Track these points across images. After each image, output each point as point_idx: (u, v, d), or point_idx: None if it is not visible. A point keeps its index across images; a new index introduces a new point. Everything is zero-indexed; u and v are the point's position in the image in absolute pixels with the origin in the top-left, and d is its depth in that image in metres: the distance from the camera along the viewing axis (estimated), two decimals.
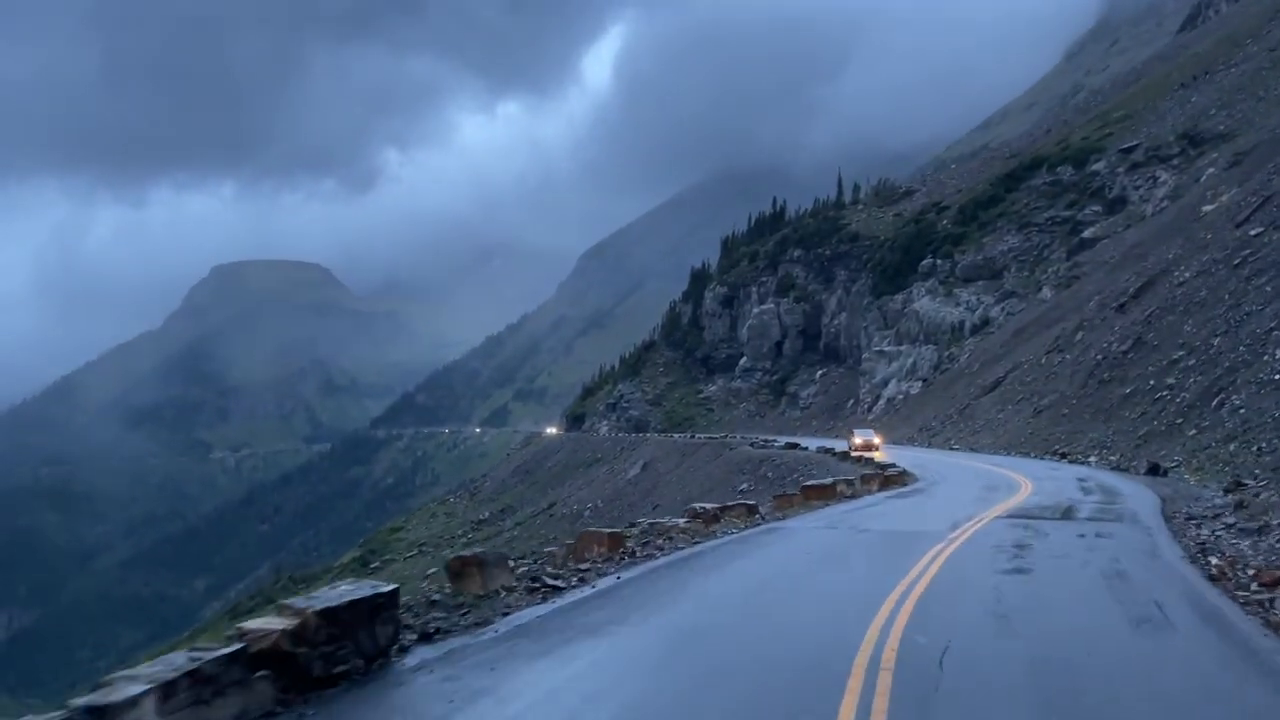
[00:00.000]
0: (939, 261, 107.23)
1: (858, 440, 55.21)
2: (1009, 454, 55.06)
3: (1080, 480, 34.31)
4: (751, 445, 73.11)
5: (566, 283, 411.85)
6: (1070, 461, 46.88)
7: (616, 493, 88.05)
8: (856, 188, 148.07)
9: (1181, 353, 48.30)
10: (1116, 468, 41.60)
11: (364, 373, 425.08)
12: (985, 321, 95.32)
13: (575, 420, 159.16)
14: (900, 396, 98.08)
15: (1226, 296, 49.04)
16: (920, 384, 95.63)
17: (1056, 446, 51.93)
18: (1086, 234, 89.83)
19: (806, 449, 61.26)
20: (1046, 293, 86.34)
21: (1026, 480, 34.18)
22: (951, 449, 62.44)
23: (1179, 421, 42.78)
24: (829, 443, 62.82)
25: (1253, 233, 52.73)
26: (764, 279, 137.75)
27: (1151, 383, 48.77)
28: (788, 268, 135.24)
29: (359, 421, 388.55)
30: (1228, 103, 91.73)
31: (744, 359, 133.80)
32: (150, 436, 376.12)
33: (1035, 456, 51.96)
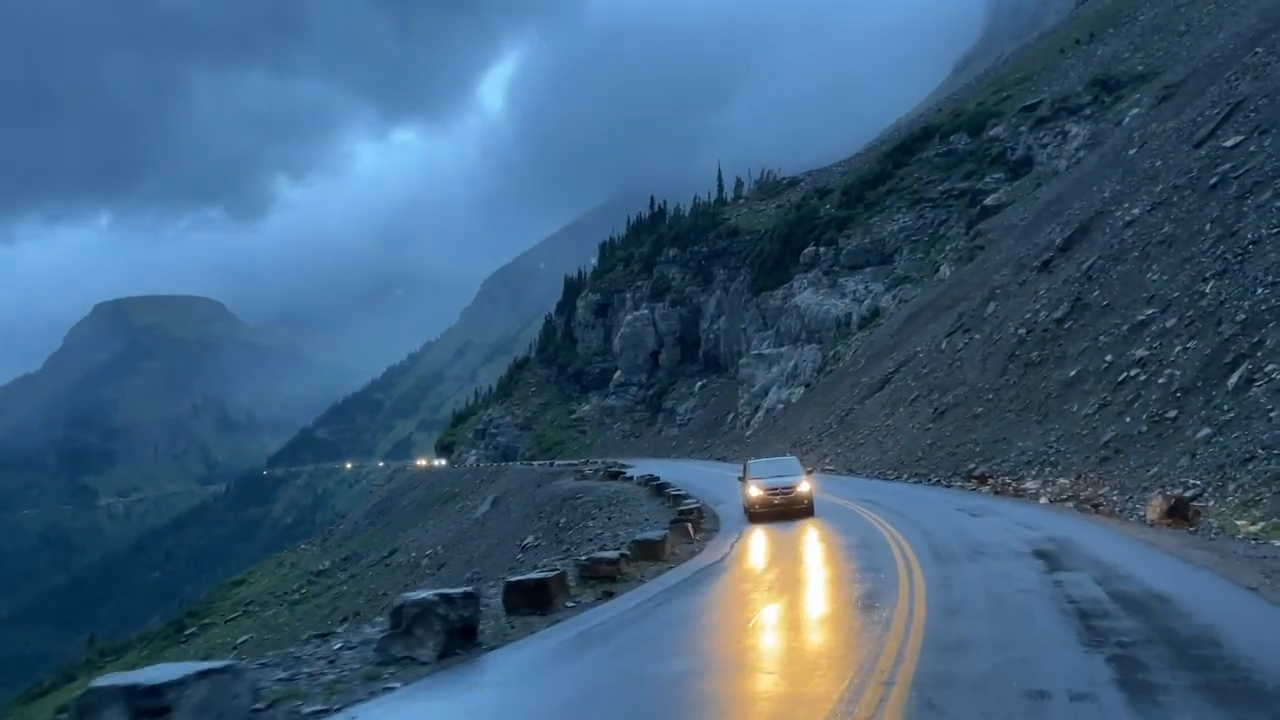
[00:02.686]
0: (822, 249, 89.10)
1: (756, 492, 26.14)
2: (899, 476, 36.41)
3: (1041, 554, 15.08)
4: (576, 476, 53.85)
5: (470, 308, 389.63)
6: (995, 492, 27.91)
7: (461, 535, 69.51)
8: (739, 183, 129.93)
9: (1152, 310, 29.71)
10: (1086, 503, 22.60)
11: (261, 408, 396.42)
12: (875, 313, 77.20)
13: (445, 449, 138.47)
14: (780, 406, 79.39)
15: (1208, 227, 30.71)
16: (803, 390, 77.10)
17: (971, 464, 32.98)
18: (989, 201, 72.27)
19: (631, 478, 43.14)
20: (945, 271, 68.46)
21: (912, 556, 15.04)
22: (824, 469, 43.56)
23: (1171, 415, 24.00)
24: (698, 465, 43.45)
25: (1228, 144, 34.75)
26: (639, 283, 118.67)
27: (1109, 359, 30.07)
28: (663, 269, 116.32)
29: (258, 459, 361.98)
30: (1143, 45, 75.46)
31: (618, 373, 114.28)
32: (31, 484, 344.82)
33: (938, 481, 33.18)
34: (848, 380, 62.57)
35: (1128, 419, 25.80)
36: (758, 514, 25.46)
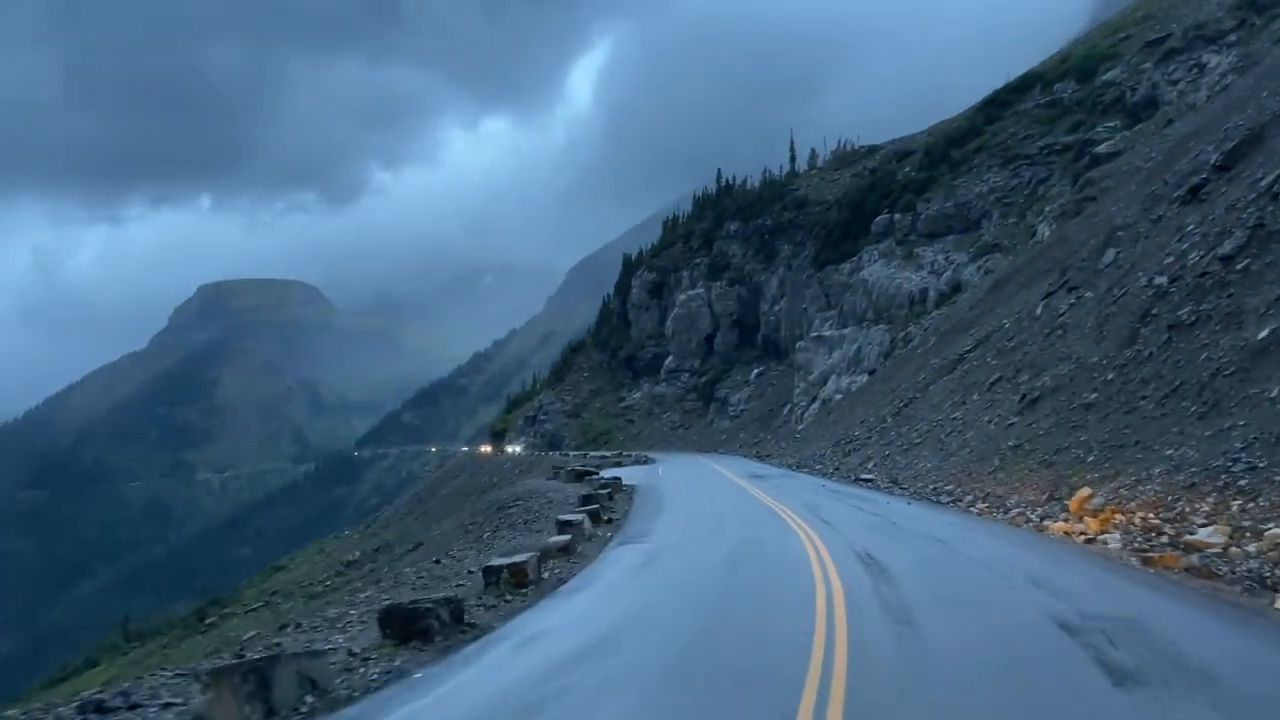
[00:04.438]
0: (897, 216, 74.22)
1: None
2: (957, 499, 22.44)
3: None
4: (549, 476, 41.06)
5: (554, 297, 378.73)
6: (1137, 552, 13.58)
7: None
8: (813, 154, 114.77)
9: None
10: None
11: (352, 391, 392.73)
12: (955, 287, 62.22)
13: (497, 436, 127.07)
14: (838, 396, 65.09)
15: None
16: (865, 377, 62.67)
17: (1078, 482, 18.84)
18: (1102, 148, 56.56)
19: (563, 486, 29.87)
20: (1044, 231, 53.19)
21: None
22: (860, 479, 29.76)
23: None
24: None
25: None
26: (697, 260, 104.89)
27: None
28: (724, 245, 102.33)
29: (346, 440, 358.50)
30: None
31: (669, 358, 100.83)
32: (135, 458, 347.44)
33: (1022, 512, 19.08)
34: (913, 364, 48.05)
35: None
36: None
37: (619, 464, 56.93)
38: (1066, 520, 16.13)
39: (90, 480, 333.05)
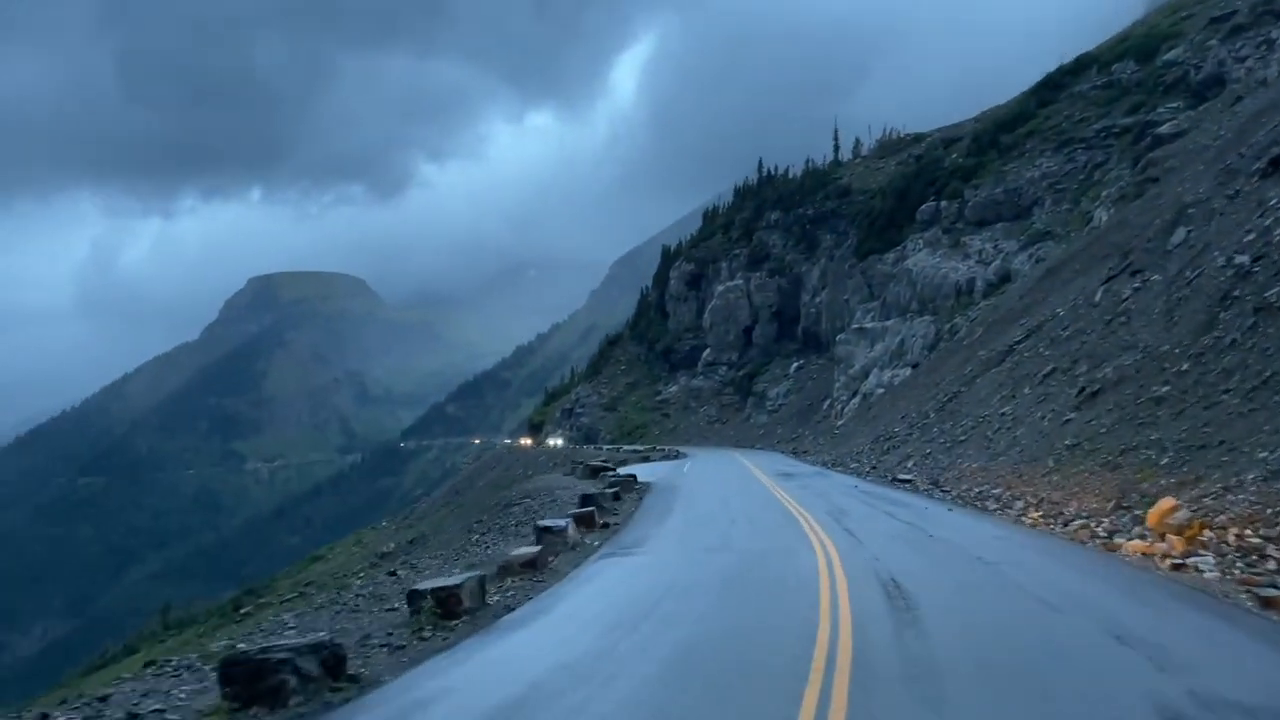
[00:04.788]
0: (943, 204, 70.67)
1: None
2: (1004, 507, 19.42)
3: None
4: (566, 471, 38.59)
5: (597, 291, 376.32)
6: (1253, 595, 10.44)
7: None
8: (857, 143, 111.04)
9: None
10: None
11: (398, 383, 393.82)
12: (1004, 277, 58.64)
13: (534, 428, 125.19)
14: (880, 391, 61.84)
15: None
16: (909, 371, 59.37)
17: (1150, 487, 15.81)
18: (1164, 129, 52.71)
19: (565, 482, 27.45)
20: (1101, 216, 49.60)
21: None
22: (897, 479, 26.82)
23: None
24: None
25: None
26: (737, 251, 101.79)
27: None
28: (764, 235, 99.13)
29: (392, 432, 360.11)
30: None
31: (707, 351, 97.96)
32: (186, 447, 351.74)
33: (1086, 523, 15.96)
34: (959, 356, 44.82)
35: None
36: None
37: (647, 459, 54.33)
38: (1145, 538, 13.16)
39: (143, 468, 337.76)
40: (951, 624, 8.47)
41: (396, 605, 11.47)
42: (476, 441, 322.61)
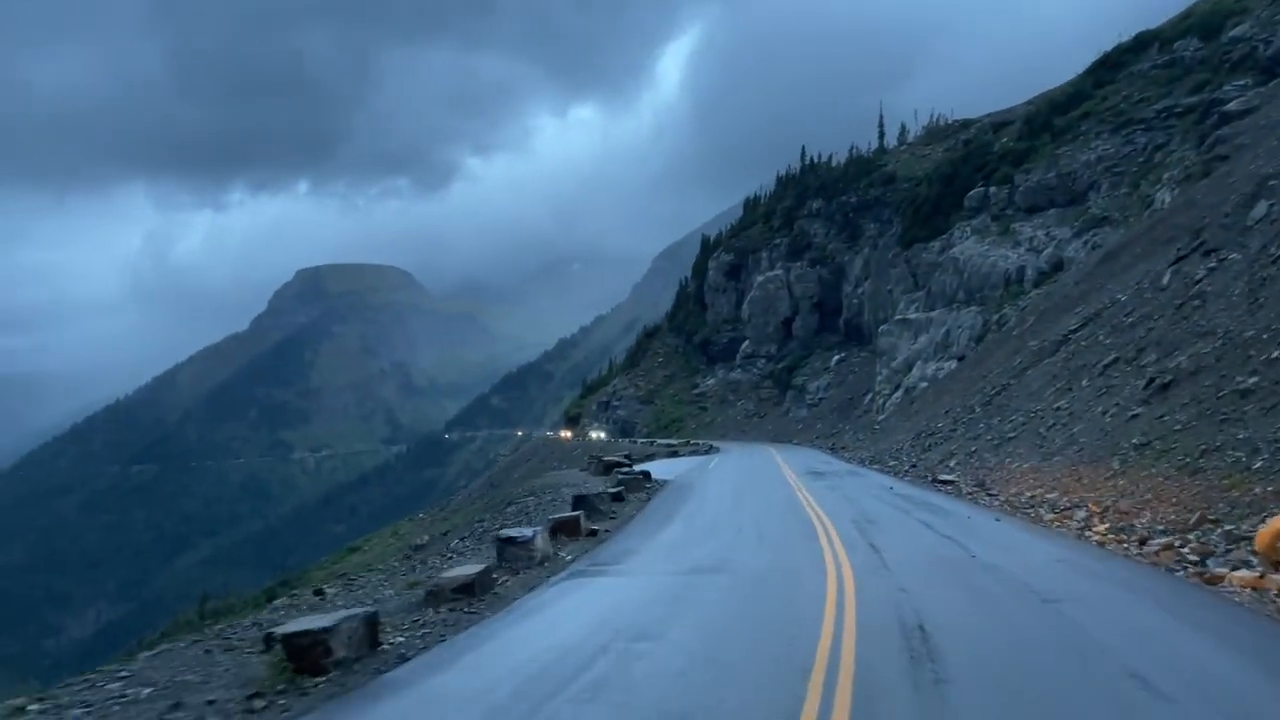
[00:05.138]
0: (992, 190, 67.09)
1: None
2: (1064, 519, 16.31)
3: None
4: (582, 466, 36.06)
5: (640, 284, 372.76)
6: None
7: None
8: (903, 129, 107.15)
9: None
10: None
11: (442, 374, 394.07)
12: (1057, 265, 55.05)
13: (571, 420, 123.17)
14: (923, 384, 58.59)
15: None
16: (954, 363, 56.07)
17: (1232, 493, 12.79)
18: (1232, 106, 48.82)
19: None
20: (1164, 198, 45.98)
21: None
22: (937, 480, 23.87)
23: None
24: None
25: None
26: (777, 240, 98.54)
27: None
28: (805, 224, 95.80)
29: (437, 423, 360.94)
30: None
31: (745, 343, 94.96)
32: (235, 437, 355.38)
33: (1169, 544, 12.93)
34: (1007, 346, 41.52)
35: None
36: None
37: (675, 454, 51.72)
38: (1252, 566, 10.24)
39: (194, 456, 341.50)
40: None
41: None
42: (519, 434, 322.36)
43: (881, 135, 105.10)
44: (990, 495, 20.43)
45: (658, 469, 32.90)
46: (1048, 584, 9.87)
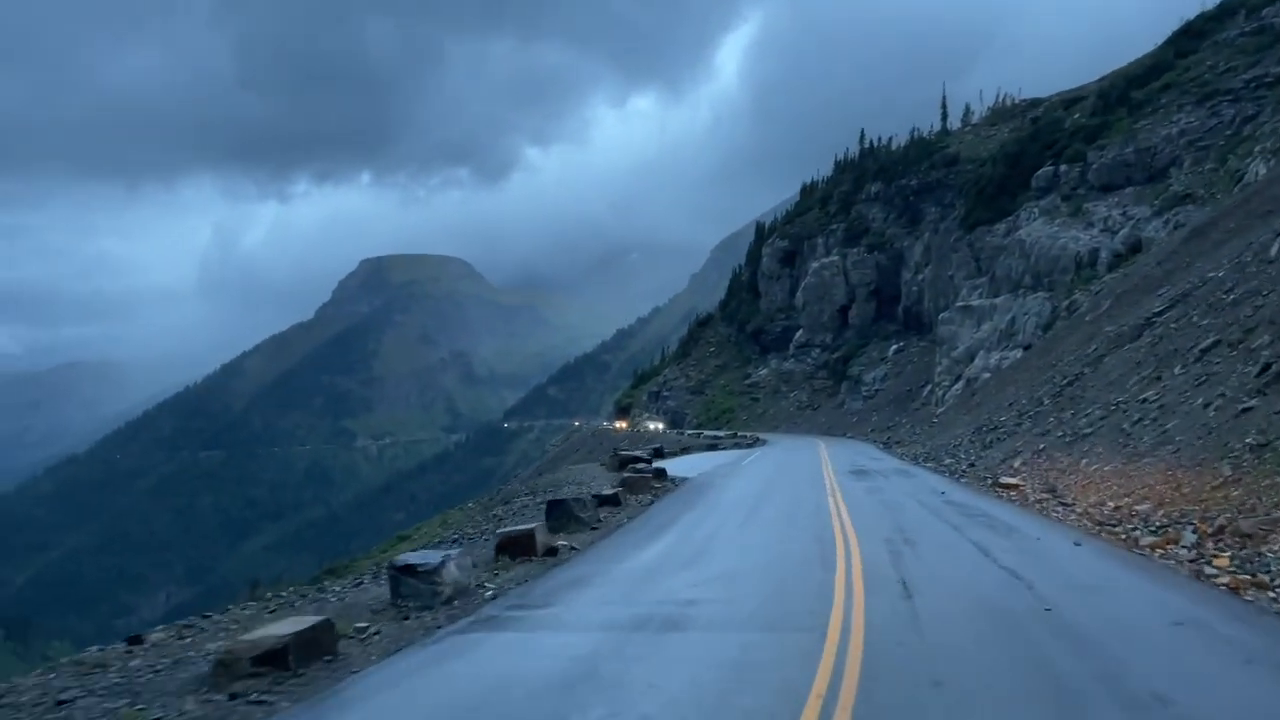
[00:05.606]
0: (1063, 168, 62.19)
1: None
2: (1177, 549, 12.22)
3: None
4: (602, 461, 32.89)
5: (698, 275, 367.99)
6: None
7: None
8: (967, 110, 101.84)
9: None
10: None
11: (501, 364, 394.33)
12: (1134, 247, 50.26)
13: (622, 411, 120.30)
14: (986, 375, 54.19)
15: None
16: (1020, 352, 51.61)
17: None
18: None
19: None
20: (1257, 171, 41.11)
21: None
22: (997, 485, 19.94)
23: None
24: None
25: None
26: (834, 226, 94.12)
27: None
28: (863, 209, 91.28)
29: (495, 412, 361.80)
30: None
31: (799, 332, 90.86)
32: (299, 424, 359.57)
33: None
34: (1080, 333, 37.18)
35: None
36: None
37: (714, 446, 48.20)
38: None
39: (260, 443, 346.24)
40: None
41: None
42: (576, 424, 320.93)
43: (944, 117, 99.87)
44: (1064, 505, 16.59)
45: (686, 464, 29.51)
46: (1171, 672, 6.28)
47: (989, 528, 13.81)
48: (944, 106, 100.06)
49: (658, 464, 25.83)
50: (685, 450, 42.70)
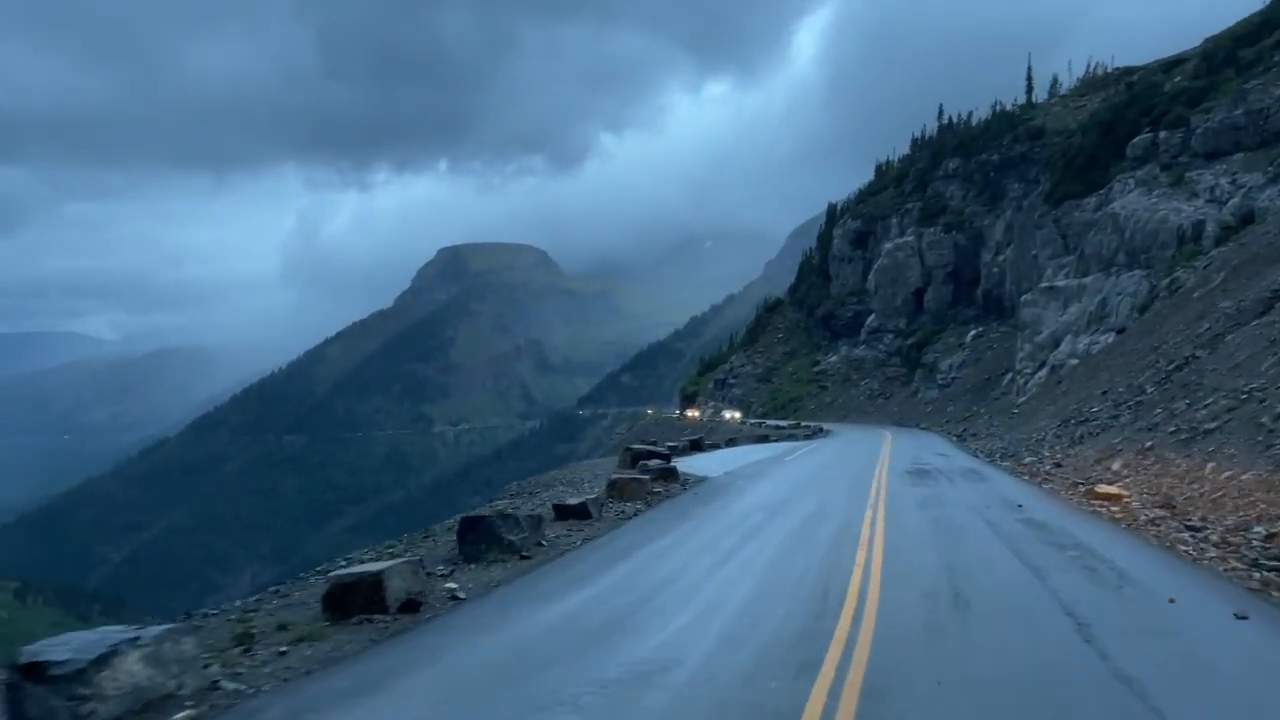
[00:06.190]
0: (1162, 135, 56.11)
1: None
2: None
3: None
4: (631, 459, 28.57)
5: (773, 262, 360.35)
6: None
7: None
8: (1055, 81, 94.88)
9: None
10: None
11: (575, 351, 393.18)
12: (1246, 218, 44.39)
13: (688, 399, 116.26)
14: (1073, 361, 48.82)
15: None
16: (1112, 336, 46.16)
17: None
18: None
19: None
20: None
21: None
22: (1095, 499, 15.39)
23: None
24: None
25: None
26: (909, 205, 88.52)
27: None
28: (940, 186, 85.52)
29: (569, 399, 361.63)
30: None
31: (871, 316, 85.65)
32: (379, 410, 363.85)
33: None
34: (1187, 311, 31.99)
35: None
36: None
37: (765, 439, 43.98)
38: None
39: (342, 428, 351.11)
40: None
41: None
42: (649, 412, 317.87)
43: (1029, 89, 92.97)
44: (1191, 530, 12.12)
45: (718, 460, 25.52)
46: None
47: (1087, 572, 9.49)
48: (1029, 78, 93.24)
49: (683, 460, 21.94)
50: (732, 441, 38.65)
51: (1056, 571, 9.47)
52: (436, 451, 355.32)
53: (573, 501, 13.20)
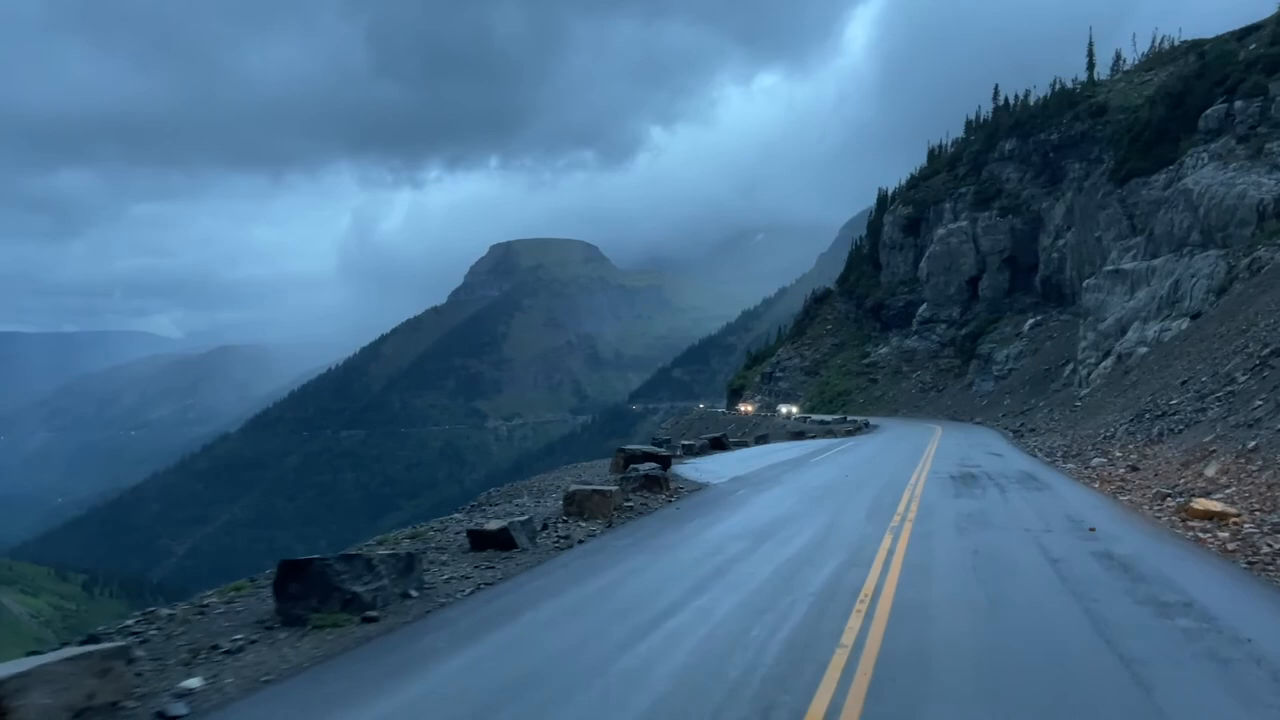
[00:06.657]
0: (1238, 104, 51.41)
1: None
2: None
3: None
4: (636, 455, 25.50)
5: (826, 255, 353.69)
6: None
7: None
8: (1118, 56, 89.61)
9: None
10: None
11: (627, 346, 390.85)
12: None
13: (735, 393, 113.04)
14: (1143, 349, 44.61)
15: None
16: (1186, 321, 41.93)
17: None
18: None
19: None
20: None
21: None
22: (1190, 518, 11.86)
23: None
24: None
25: None
26: (962, 189, 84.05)
27: None
28: (995, 169, 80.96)
29: (621, 394, 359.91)
30: None
31: (923, 306, 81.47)
32: (434, 405, 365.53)
33: None
34: (1274, 293, 28.02)
35: None
36: None
37: (800, 434, 40.56)
38: None
39: (397, 423, 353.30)
40: None
41: None
42: (701, 405, 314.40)
43: (1091, 66, 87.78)
44: None
45: (734, 460, 22.40)
46: None
47: (1216, 665, 6.01)
48: (1090, 54, 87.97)
49: (695, 461, 18.89)
50: (763, 438, 35.41)
51: (1166, 663, 5.99)
52: (489, 446, 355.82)
53: (492, 527, 10.13)
